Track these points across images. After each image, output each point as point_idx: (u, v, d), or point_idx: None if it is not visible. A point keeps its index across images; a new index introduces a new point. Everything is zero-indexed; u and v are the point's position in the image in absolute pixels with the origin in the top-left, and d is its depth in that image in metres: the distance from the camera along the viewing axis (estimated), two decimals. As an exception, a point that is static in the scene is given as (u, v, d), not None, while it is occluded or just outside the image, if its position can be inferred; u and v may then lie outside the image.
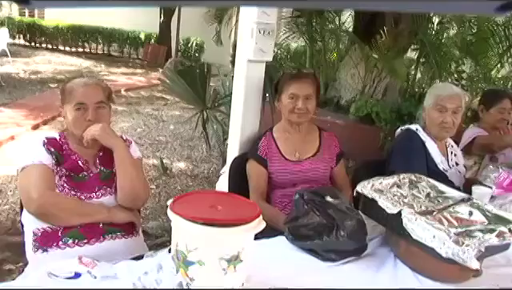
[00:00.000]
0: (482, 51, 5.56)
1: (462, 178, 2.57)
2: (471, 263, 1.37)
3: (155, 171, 5.10)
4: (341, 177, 2.40)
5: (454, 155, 2.60)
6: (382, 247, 1.74)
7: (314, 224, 1.60)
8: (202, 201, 1.36)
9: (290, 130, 2.37)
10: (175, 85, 3.92)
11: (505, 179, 2.08)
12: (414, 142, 2.43)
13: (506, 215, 1.65)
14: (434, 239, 1.44)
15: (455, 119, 2.43)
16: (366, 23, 6.64)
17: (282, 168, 2.29)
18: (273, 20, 2.42)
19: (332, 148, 2.41)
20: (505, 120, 3.17)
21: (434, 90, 2.53)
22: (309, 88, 2.31)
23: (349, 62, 6.78)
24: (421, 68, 6.77)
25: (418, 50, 6.62)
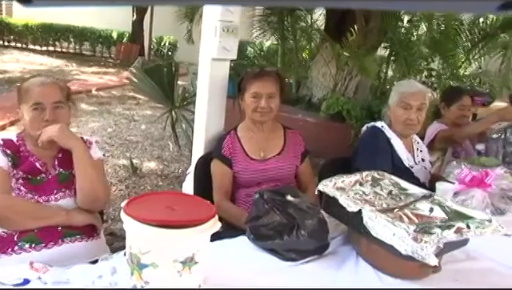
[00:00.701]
0: (449, 49, 5.64)
1: (428, 174, 2.59)
2: (430, 259, 1.37)
3: (125, 172, 5.03)
4: (306, 175, 2.39)
5: (420, 151, 2.61)
6: (344, 246, 1.73)
7: (275, 224, 1.58)
8: (158, 202, 1.33)
9: (253, 129, 2.35)
10: (143, 84, 3.87)
11: (466, 175, 2.09)
12: (379, 140, 2.43)
13: (465, 210, 1.66)
14: (393, 237, 1.43)
15: (420, 116, 2.45)
16: (337, 21, 6.68)
17: (247, 167, 2.27)
18: (236, 18, 2.39)
19: (297, 146, 2.39)
20: (465, 117, 3.24)
21: (398, 87, 2.55)
22: (272, 86, 2.29)
23: (320, 61, 6.81)
24: (392, 66, 6.84)
25: (388, 48, 6.70)
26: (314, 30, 7.36)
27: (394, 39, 5.96)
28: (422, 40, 6.42)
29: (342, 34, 6.23)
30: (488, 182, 2.05)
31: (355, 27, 6.12)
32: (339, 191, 1.67)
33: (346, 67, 6.53)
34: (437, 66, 6.13)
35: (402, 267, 1.50)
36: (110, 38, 16.50)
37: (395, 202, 1.70)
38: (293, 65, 7.30)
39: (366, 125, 2.59)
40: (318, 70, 6.82)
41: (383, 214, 1.52)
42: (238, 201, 2.29)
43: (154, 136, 6.58)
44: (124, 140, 6.35)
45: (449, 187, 2.14)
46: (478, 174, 2.09)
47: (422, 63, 6.42)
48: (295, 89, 7.17)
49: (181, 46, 14.89)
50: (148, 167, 5.35)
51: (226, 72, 2.50)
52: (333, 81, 6.63)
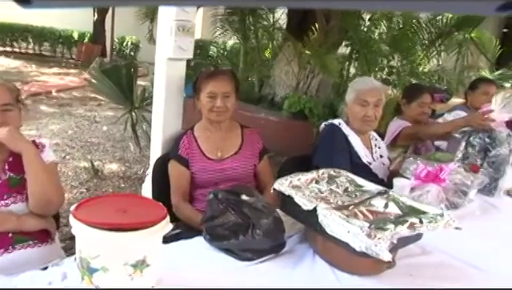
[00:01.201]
0: (408, 47, 5.74)
1: (387, 170, 2.62)
2: (383, 255, 1.38)
3: (86, 174, 4.93)
4: (265, 174, 2.39)
5: (378, 147, 2.64)
6: (301, 244, 1.73)
7: (230, 224, 1.57)
8: (108, 205, 1.30)
9: (210, 128, 2.34)
10: (101, 85, 3.81)
11: (422, 171, 2.12)
12: (336, 137, 2.45)
13: (419, 206, 1.67)
14: (348, 234, 1.43)
15: (377, 113, 2.47)
16: (299, 20, 6.70)
17: (204, 167, 2.25)
18: (192, 18, 2.38)
19: (254, 145, 2.39)
20: (425, 114, 3.29)
21: (354, 84, 2.57)
22: (227, 86, 2.28)
23: (282, 59, 6.82)
24: (354, 64, 6.90)
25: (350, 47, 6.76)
26: (276, 29, 7.37)
27: (354, 38, 6.01)
28: (382, 38, 6.50)
29: (303, 33, 6.24)
30: (442, 177, 2.07)
31: (316, 26, 6.14)
32: (295, 190, 1.67)
33: (308, 66, 6.55)
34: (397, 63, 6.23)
35: (357, 263, 1.51)
36: (70, 39, 16.15)
37: (351, 199, 1.70)
38: (255, 64, 7.28)
39: (323, 123, 2.60)
40: (281, 69, 6.82)
41: (338, 211, 1.53)
42: (195, 201, 2.27)
43: (116, 137, 6.48)
44: (85, 142, 6.23)
45: (405, 182, 2.17)
46: (433, 169, 2.12)
47: (383, 61, 6.49)
48: (258, 88, 7.17)
49: (143, 46, 14.72)
50: (110, 168, 5.27)
51: (182, 72, 2.48)
52: (295, 79, 6.64)
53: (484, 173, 2.47)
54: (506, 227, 2.19)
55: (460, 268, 1.71)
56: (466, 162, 2.54)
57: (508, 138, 2.57)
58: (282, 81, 6.78)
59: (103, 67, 3.91)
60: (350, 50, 6.73)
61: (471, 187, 2.23)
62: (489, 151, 2.55)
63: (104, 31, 15.59)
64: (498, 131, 2.56)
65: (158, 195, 2.33)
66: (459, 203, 2.16)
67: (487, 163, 2.57)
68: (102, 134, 6.70)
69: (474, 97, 3.82)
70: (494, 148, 2.55)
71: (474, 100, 3.80)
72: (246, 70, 7.50)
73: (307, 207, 1.56)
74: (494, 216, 2.32)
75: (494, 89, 3.85)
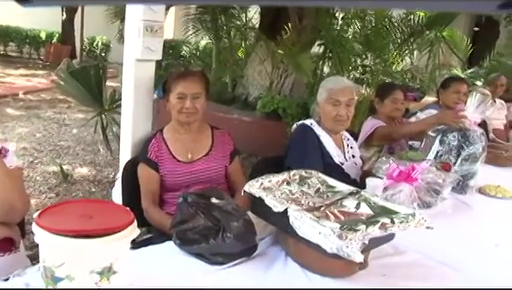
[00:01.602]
0: (380, 46, 5.81)
1: (359, 170, 2.64)
2: (355, 256, 1.39)
3: (55, 179, 4.84)
4: (237, 175, 2.38)
5: (350, 147, 2.66)
6: (273, 247, 1.73)
7: (200, 227, 1.56)
8: (73, 211, 1.28)
9: (180, 130, 2.32)
10: (69, 87, 3.75)
11: (394, 170, 2.14)
12: (308, 137, 2.46)
13: (390, 205, 1.69)
14: (319, 236, 1.44)
15: (349, 112, 2.49)
16: (272, 19, 6.73)
17: (174, 170, 2.23)
18: (160, 18, 2.35)
19: (225, 146, 2.38)
20: (398, 110, 3.34)
21: (325, 84, 2.58)
22: (197, 86, 2.27)
23: (255, 59, 6.84)
24: (328, 63, 6.96)
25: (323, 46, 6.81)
26: (249, 28, 7.39)
27: (327, 37, 6.06)
28: (355, 37, 6.57)
29: (276, 32, 6.28)
30: (414, 176, 2.10)
31: (289, 25, 6.17)
32: (265, 192, 1.66)
33: (282, 65, 6.59)
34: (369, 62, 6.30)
35: (329, 265, 1.51)
36: (38, 39, 15.85)
37: (322, 200, 1.71)
38: (228, 64, 7.29)
39: (295, 123, 2.61)
40: (254, 69, 6.84)
41: (309, 213, 1.53)
42: (166, 205, 2.25)
43: (87, 140, 6.39)
44: (54, 146, 6.13)
45: (378, 182, 2.19)
46: (405, 168, 2.14)
47: (357, 60, 6.56)
48: (231, 88, 7.17)
49: (114, 47, 14.53)
50: (80, 172, 5.19)
51: (151, 73, 2.45)
52: (268, 79, 6.67)
53: (457, 171, 2.51)
54: (478, 225, 2.22)
55: (432, 267, 1.73)
56: (439, 160, 2.57)
57: (481, 137, 2.61)
58: (256, 81, 6.80)
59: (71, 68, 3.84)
60: (323, 49, 6.79)
61: (443, 185, 2.26)
62: (462, 150, 2.59)
63: (73, 31, 15.34)
64: (472, 130, 2.60)
65: (128, 200, 2.31)
66: (432, 202, 2.18)
67: (460, 161, 2.60)
68: (72, 138, 6.60)
69: (446, 95, 3.87)
70: (468, 146, 2.58)
71: (445, 98, 3.86)
72: (219, 70, 7.50)
73: (278, 209, 1.55)
74: (466, 214, 2.35)
75: (466, 87, 3.92)
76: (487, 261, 1.83)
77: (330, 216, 1.56)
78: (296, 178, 1.85)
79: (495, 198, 2.61)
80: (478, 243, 1.99)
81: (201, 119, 2.36)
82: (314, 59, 7.04)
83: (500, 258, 1.88)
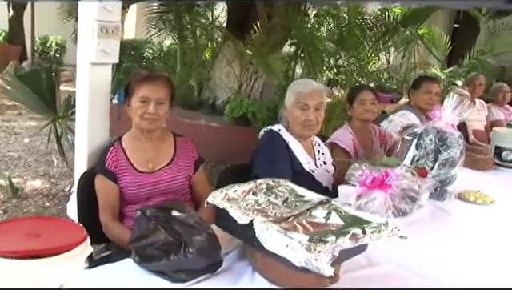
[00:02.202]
0: (354, 45, 5.89)
1: (331, 177, 2.68)
2: (325, 269, 1.41)
3: (3, 194, 4.76)
4: (201, 186, 2.39)
5: (321, 153, 2.70)
6: (239, 261, 1.75)
7: (160, 243, 1.56)
8: (17, 230, 1.26)
9: (140, 138, 2.32)
10: (17, 92, 3.69)
11: (367, 177, 2.17)
12: (276, 144, 2.49)
13: (362, 215, 1.72)
14: (286, 249, 1.46)
15: (318, 116, 2.53)
16: (240, 18, 6.76)
17: (134, 181, 2.23)
18: (116, 18, 2.35)
19: (189, 154, 2.39)
20: (368, 111, 3.31)
21: (293, 87, 2.62)
22: (162, 91, 2.27)
23: (223, 60, 6.85)
24: (301, 63, 7.02)
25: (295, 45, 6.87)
26: (216, 27, 7.40)
27: (298, 36, 6.12)
28: (327, 36, 6.64)
29: (244, 32, 6.31)
30: (388, 183, 2.14)
31: (258, 24, 6.21)
32: (230, 203, 1.68)
33: (251, 66, 6.63)
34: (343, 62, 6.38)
35: (298, 279, 1.53)
36: (-19, 38, 15.49)
37: (290, 210, 1.73)
38: (193, 65, 7.28)
39: (262, 129, 2.64)
40: (221, 71, 6.86)
41: (276, 224, 1.55)
42: (126, 219, 2.24)
43: (40, 151, 6.29)
44: (2, 156, 6.02)
45: (351, 190, 2.23)
46: (379, 175, 2.18)
47: (330, 60, 6.63)
48: (197, 92, 7.17)
49: (70, 47, 14.33)
50: (32, 186, 5.11)
51: (107, 77, 2.44)
52: (237, 81, 6.70)
53: (434, 176, 2.57)
54: (456, 232, 2.28)
55: (408, 279, 1.77)
56: (416, 165, 2.62)
57: (459, 140, 2.67)
58: (223, 83, 6.82)
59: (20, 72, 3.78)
60: (294, 49, 6.86)
61: (419, 192, 2.31)
62: (439, 154, 2.64)
63: (22, 30, 15.02)
64: (449, 133, 2.65)
65: (84, 215, 2.29)
66: (407, 210, 2.23)
67: (438, 165, 2.65)
68: (23, 148, 6.48)
69: (417, 96, 3.94)
70: (445, 150, 2.63)
71: (417, 99, 3.93)
72: (184, 73, 7.49)
73: (243, 221, 1.57)
74: (444, 222, 2.41)
75: (437, 87, 4.00)
76: (465, 270, 1.88)
77: (298, 228, 1.58)
78: (263, 187, 1.88)
79: (475, 204, 2.68)
80: (457, 252, 2.04)
81: (162, 127, 2.36)
82: (285, 60, 7.10)
83: (479, 267, 1.93)
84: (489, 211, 2.62)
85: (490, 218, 2.52)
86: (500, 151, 3.53)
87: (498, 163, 3.52)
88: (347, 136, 3.23)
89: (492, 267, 1.93)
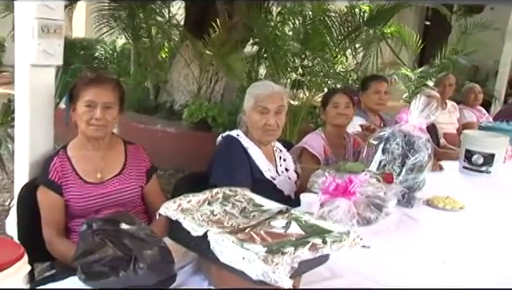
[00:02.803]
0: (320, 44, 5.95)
1: (294, 185, 2.71)
2: (283, 282, 1.42)
3: None
4: (155, 196, 2.39)
5: (283, 160, 2.73)
6: (195, 276, 1.75)
7: (108, 259, 1.55)
8: None
9: (87, 146, 2.30)
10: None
11: (330, 184, 2.20)
12: (234, 150, 2.51)
13: (323, 224, 1.75)
14: (243, 261, 1.47)
15: (279, 120, 2.56)
16: (198, 16, 6.76)
17: (81, 193, 2.21)
18: (59, 15, 2.32)
19: (140, 163, 2.39)
20: (341, 115, 3.34)
21: (252, 90, 2.64)
22: (110, 95, 2.25)
23: (181, 61, 6.85)
24: (265, 64, 7.05)
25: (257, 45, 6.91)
26: (173, 25, 7.39)
27: (260, 35, 6.15)
28: (291, 35, 6.69)
29: (203, 30, 6.31)
30: (352, 190, 2.16)
31: (218, 22, 6.22)
32: (183, 213, 1.69)
33: (211, 68, 6.64)
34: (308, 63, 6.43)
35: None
36: None
37: (248, 220, 1.75)
38: (149, 67, 7.25)
39: (220, 135, 2.65)
40: (179, 72, 6.85)
41: (232, 235, 1.56)
42: (72, 234, 2.22)
43: (-25, 161, 6.14)
44: None
45: (313, 198, 2.25)
46: (342, 182, 2.21)
47: (296, 60, 6.68)
48: (153, 95, 7.14)
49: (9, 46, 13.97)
50: (-35, 201, 4.99)
51: (50, 80, 2.41)
52: (196, 84, 6.70)
53: (402, 182, 2.61)
54: (424, 241, 2.32)
55: (373, 289, 1.81)
56: (383, 170, 2.66)
57: (426, 144, 2.71)
58: (182, 86, 6.81)
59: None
60: (257, 48, 6.89)
61: (386, 199, 2.35)
62: (407, 158, 2.67)
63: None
64: (417, 137, 2.69)
65: (25, 231, 2.27)
66: (373, 218, 2.27)
67: (405, 171, 2.69)
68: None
69: (367, 97, 4.04)
70: (413, 155, 2.67)
71: (366, 100, 4.02)
72: (139, 75, 7.45)
73: (197, 233, 1.58)
74: (412, 230, 2.46)
75: (386, 86, 4.11)
76: (432, 280, 1.92)
77: (255, 239, 1.60)
78: (219, 197, 1.89)
79: (444, 210, 2.73)
80: (424, 261, 2.08)
81: (112, 134, 2.35)
82: (247, 60, 7.13)
83: (446, 276, 1.97)
84: (458, 217, 2.67)
85: (459, 225, 2.57)
86: (470, 155, 3.58)
87: (468, 168, 3.58)
88: (318, 141, 3.27)
89: (461, 276, 1.98)
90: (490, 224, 2.59)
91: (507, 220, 2.67)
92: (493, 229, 2.52)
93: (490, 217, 2.70)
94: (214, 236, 1.55)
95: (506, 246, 2.32)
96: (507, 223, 2.63)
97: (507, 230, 2.52)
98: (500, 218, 2.70)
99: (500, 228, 2.54)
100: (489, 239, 2.38)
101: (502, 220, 2.66)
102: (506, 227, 2.56)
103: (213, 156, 2.60)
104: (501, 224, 2.60)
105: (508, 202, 2.97)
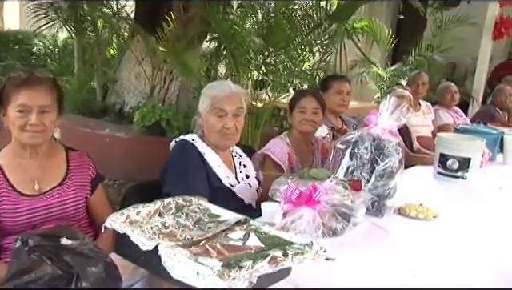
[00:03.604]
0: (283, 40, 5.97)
1: (255, 193, 2.73)
2: (240, 299, 1.45)
3: None
4: (101, 208, 2.39)
5: (243, 166, 2.75)
6: (145, 294, 1.76)
7: (46, 278, 1.53)
8: None
9: (22, 154, 2.26)
10: None
11: (293, 192, 2.21)
12: (189, 156, 2.52)
13: (284, 235, 1.77)
14: (196, 277, 1.48)
15: (237, 123, 2.59)
16: (150, 8, 6.72)
17: (16, 207, 2.18)
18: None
19: (84, 172, 2.38)
20: (307, 121, 3.39)
21: (208, 90, 2.66)
22: (46, 97, 2.20)
23: (131, 58, 6.81)
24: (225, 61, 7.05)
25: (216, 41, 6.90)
26: (122, 18, 7.31)
27: (219, 30, 6.15)
28: (253, 30, 6.69)
29: (156, 25, 6.27)
30: (316, 198, 2.19)
31: (172, 16, 6.20)
32: (132, 226, 1.69)
33: (165, 66, 6.62)
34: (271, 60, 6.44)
35: (210, 311, 1.56)
36: None
37: (203, 232, 1.76)
38: (96, 64, 7.18)
39: (174, 139, 2.66)
40: (130, 71, 6.81)
41: (185, 249, 1.57)
42: (5, 253, 2.19)
43: None
44: None
45: (275, 207, 2.28)
46: (306, 189, 2.23)
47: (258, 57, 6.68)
48: (101, 96, 7.07)
49: None
50: None
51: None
52: (149, 84, 6.67)
53: (371, 189, 2.64)
54: (395, 252, 2.36)
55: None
56: (350, 177, 2.68)
57: (397, 148, 2.75)
58: (132, 86, 6.77)
59: None
60: (216, 45, 6.90)
61: (353, 207, 2.39)
62: (376, 164, 2.71)
63: None
64: (387, 140, 2.72)
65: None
66: (339, 229, 2.30)
67: (375, 177, 2.71)
68: None
69: (328, 98, 4.03)
70: (382, 160, 2.70)
71: (328, 102, 3.96)
72: (85, 73, 7.37)
73: (147, 247, 1.59)
74: (381, 241, 2.48)
75: (348, 86, 4.21)
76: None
77: (210, 252, 1.61)
78: (171, 207, 1.90)
79: (416, 219, 2.76)
80: (394, 274, 2.11)
81: (52, 139, 2.32)
82: (205, 58, 7.12)
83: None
84: (431, 227, 2.70)
85: (432, 235, 2.60)
86: (445, 159, 3.62)
87: (443, 173, 3.64)
88: (283, 148, 3.31)
89: (433, 289, 2.02)
90: (466, 234, 2.63)
91: (484, 230, 2.71)
92: (468, 239, 2.56)
93: (465, 226, 2.74)
94: (166, 250, 1.55)
95: (482, 257, 2.36)
96: (484, 232, 2.67)
97: (484, 240, 2.56)
98: (476, 227, 2.74)
99: (476, 238, 2.58)
100: (464, 250, 2.42)
101: (478, 230, 2.70)
102: (483, 237, 2.60)
103: (166, 163, 2.61)
104: (477, 234, 2.64)
105: (485, 210, 3.02)
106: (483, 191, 3.46)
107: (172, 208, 1.90)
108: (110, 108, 6.86)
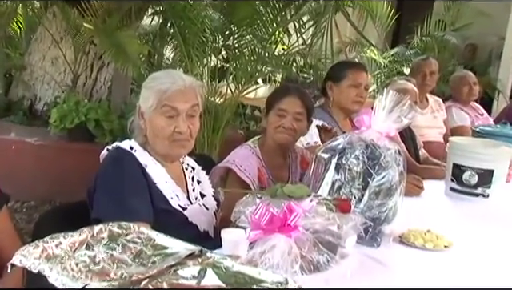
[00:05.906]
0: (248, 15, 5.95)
1: (212, 217, 2.73)
2: None
3: None
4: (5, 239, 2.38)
5: (196, 182, 2.75)
6: None
7: None
8: None
9: None
10: None
11: (263, 216, 2.19)
12: (126, 170, 2.51)
13: (251, 272, 1.79)
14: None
15: (192, 126, 2.57)
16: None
17: None
18: None
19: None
20: (285, 129, 3.30)
21: (152, 82, 2.65)
22: None
23: (45, 38, 6.73)
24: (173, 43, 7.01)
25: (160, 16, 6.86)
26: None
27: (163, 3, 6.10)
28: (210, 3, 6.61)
29: (80, -5, 6.23)
30: (292, 223, 2.18)
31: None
32: (50, 263, 1.69)
33: (92, 48, 6.57)
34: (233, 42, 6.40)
35: None
36: None
37: (145, 269, 1.77)
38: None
39: (106, 147, 2.64)
40: (43, 55, 6.74)
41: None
42: None
43: None
44: None
45: (239, 235, 2.28)
46: (280, 211, 2.22)
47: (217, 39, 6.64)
48: (3, 88, 6.97)
49: None
50: None
51: None
52: (70, 72, 6.61)
53: (364, 211, 2.66)
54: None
55: None
56: (337, 194, 2.67)
57: (397, 157, 2.74)
58: (48, 75, 6.70)
59: None
60: (161, 21, 6.85)
61: (340, 235, 2.40)
62: (370, 178, 2.70)
63: None
64: (384, 147, 2.72)
65: None
66: (322, 262, 2.31)
67: (369, 195, 2.72)
68: None
69: (340, 92, 4.04)
70: (378, 173, 2.70)
71: (340, 96, 4.03)
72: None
73: (70, 289, 1.60)
74: (377, 277, 2.49)
75: (366, 77, 4.11)
76: None
77: (156, 294, 1.63)
78: (103, 236, 1.90)
79: (423, 250, 2.76)
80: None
81: None
82: (146, 38, 7.07)
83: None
84: (442, 259, 2.69)
85: (443, 270, 2.59)
86: (460, 172, 3.59)
87: (458, 190, 3.61)
88: (251, 161, 3.28)
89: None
90: (486, 269, 2.61)
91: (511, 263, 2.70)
92: (490, 275, 2.54)
93: (486, 259, 2.72)
94: (96, 293, 1.57)
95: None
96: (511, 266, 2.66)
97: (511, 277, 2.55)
98: (500, 260, 2.72)
99: (500, 275, 2.56)
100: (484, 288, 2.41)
101: (502, 263, 2.69)
102: (509, 274, 2.58)
103: (95, 178, 2.59)
104: (501, 269, 2.62)
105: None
106: (510, 213, 3.46)
107: (104, 238, 1.90)
108: (15, 105, 6.76)
